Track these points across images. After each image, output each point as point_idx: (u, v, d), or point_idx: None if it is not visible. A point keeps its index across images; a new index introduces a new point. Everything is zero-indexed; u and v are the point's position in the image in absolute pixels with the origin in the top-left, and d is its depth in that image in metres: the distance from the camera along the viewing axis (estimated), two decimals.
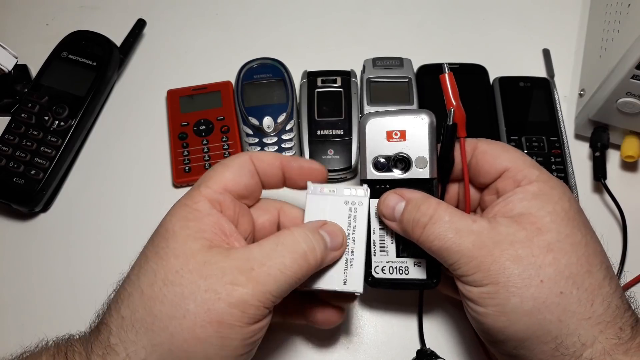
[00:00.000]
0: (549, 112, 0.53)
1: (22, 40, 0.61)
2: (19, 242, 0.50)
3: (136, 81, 0.59)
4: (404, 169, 0.37)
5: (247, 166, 0.36)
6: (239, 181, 0.35)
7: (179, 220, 0.32)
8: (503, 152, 0.36)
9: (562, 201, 0.33)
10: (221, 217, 0.33)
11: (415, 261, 0.38)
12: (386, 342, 0.44)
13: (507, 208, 0.34)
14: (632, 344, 0.30)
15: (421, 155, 0.37)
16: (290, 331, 0.45)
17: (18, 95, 0.55)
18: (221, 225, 0.33)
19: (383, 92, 0.54)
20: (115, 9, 0.63)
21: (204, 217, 0.33)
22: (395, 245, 0.38)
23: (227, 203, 0.34)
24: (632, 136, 0.50)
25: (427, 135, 0.37)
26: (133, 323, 0.30)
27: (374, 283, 0.38)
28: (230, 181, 0.35)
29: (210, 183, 0.34)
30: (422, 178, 0.37)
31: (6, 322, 0.46)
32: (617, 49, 0.47)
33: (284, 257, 0.31)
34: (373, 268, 0.38)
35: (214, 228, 0.32)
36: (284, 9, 0.63)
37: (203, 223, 0.32)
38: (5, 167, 0.50)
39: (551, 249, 0.32)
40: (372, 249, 0.38)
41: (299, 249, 0.32)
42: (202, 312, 0.29)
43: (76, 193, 0.53)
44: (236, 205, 0.35)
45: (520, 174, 0.35)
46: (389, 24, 0.62)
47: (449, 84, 0.37)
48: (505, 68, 0.56)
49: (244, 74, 0.55)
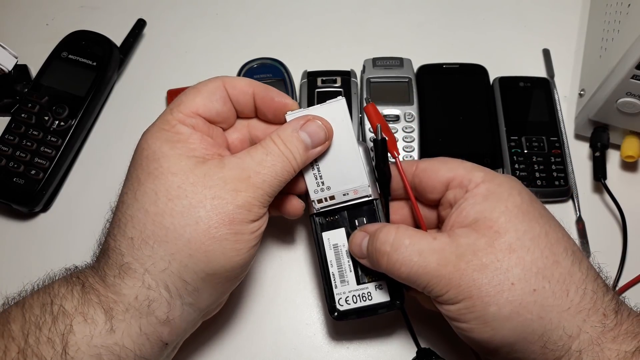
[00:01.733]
0: (549, 112, 0.53)
1: (22, 40, 0.61)
2: (19, 242, 0.50)
3: (136, 81, 0.59)
4: None
5: (219, 92, 0.37)
6: (211, 107, 0.36)
7: (164, 142, 0.34)
8: (442, 165, 0.37)
9: (512, 197, 0.33)
10: (203, 135, 0.35)
11: (376, 284, 0.38)
12: (386, 342, 0.44)
13: (462, 216, 0.34)
14: (619, 330, 0.30)
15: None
16: (290, 331, 0.45)
17: (18, 95, 0.55)
18: (206, 141, 0.35)
19: (383, 92, 0.54)
20: (115, 9, 0.63)
21: (188, 137, 0.35)
22: (353, 272, 0.38)
23: (200, 126, 0.36)
24: (632, 136, 0.50)
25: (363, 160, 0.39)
26: (145, 240, 0.32)
27: (340, 316, 0.38)
28: (202, 107, 0.36)
29: (181, 108, 0.36)
30: (364, 200, 0.38)
31: None
32: (617, 49, 0.47)
33: (275, 166, 0.35)
34: (337, 301, 0.38)
35: (201, 144, 0.35)
36: (284, 9, 0.63)
37: (189, 142, 0.34)
38: (6, 167, 0.50)
39: (513, 249, 0.32)
40: (332, 282, 0.38)
41: (283, 157, 0.35)
42: (214, 215, 0.32)
43: (76, 193, 0.53)
44: (210, 128, 0.37)
45: (465, 180, 0.35)
46: (389, 24, 0.62)
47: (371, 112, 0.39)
48: (505, 68, 0.56)
49: (244, 74, 0.55)
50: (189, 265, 0.32)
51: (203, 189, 0.33)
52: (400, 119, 0.52)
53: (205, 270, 0.33)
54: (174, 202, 0.32)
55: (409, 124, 0.52)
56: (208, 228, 0.32)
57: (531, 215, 0.33)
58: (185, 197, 0.32)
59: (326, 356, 0.44)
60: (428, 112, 0.53)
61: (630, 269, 0.46)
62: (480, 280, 0.31)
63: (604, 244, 0.34)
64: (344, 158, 0.38)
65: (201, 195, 0.33)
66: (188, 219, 0.32)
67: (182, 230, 0.32)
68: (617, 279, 0.46)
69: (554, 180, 0.50)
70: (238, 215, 0.33)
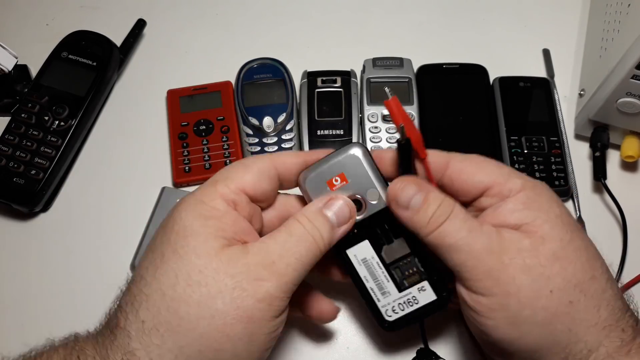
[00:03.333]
0: (549, 112, 0.53)
1: (22, 40, 0.60)
2: (19, 242, 0.50)
3: (136, 81, 0.59)
4: (360, 209, 0.35)
5: (268, 172, 0.35)
6: (258, 187, 0.34)
7: (197, 218, 0.32)
8: (478, 169, 0.34)
9: (552, 207, 0.33)
10: (239, 216, 0.33)
11: (419, 287, 0.36)
12: (386, 342, 0.44)
13: (499, 219, 0.33)
14: (633, 344, 0.30)
15: (369, 189, 0.35)
16: (290, 331, 0.45)
17: (18, 95, 0.55)
18: (240, 224, 0.33)
19: (383, 92, 0.54)
20: (115, 9, 0.63)
21: (223, 216, 0.32)
22: (392, 282, 0.36)
23: (242, 204, 0.33)
24: (632, 136, 0.50)
25: (365, 167, 0.35)
26: (156, 326, 0.29)
27: (391, 327, 0.37)
28: (249, 184, 0.34)
29: (228, 182, 0.33)
30: (381, 209, 0.35)
31: (6, 322, 0.46)
32: (617, 49, 0.47)
33: (299, 247, 0.32)
34: (384, 313, 0.37)
35: (234, 227, 0.32)
36: (284, 9, 0.63)
37: (222, 222, 0.32)
38: (6, 167, 0.50)
39: (557, 257, 0.31)
40: (373, 297, 0.37)
41: (309, 237, 0.32)
42: (232, 310, 0.30)
43: (76, 193, 0.53)
44: (251, 207, 0.34)
45: (505, 189, 0.33)
46: (389, 24, 0.62)
47: (394, 108, 0.35)
48: (505, 68, 0.56)
49: (244, 74, 0.55)
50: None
51: (225, 277, 0.30)
52: None
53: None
54: (192, 289, 0.30)
55: None
56: (223, 324, 0.29)
57: (571, 227, 0.32)
58: (206, 285, 0.30)
59: (326, 356, 0.44)
60: (428, 112, 0.53)
61: (630, 269, 0.46)
62: (521, 280, 0.30)
63: (604, 244, 0.33)
64: None
65: (222, 284, 0.30)
66: (204, 311, 0.29)
67: (197, 322, 0.29)
68: (617, 279, 0.46)
69: (554, 180, 0.50)
70: (257, 311, 0.30)
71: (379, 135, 0.52)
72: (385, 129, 0.52)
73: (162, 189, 0.50)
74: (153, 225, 0.49)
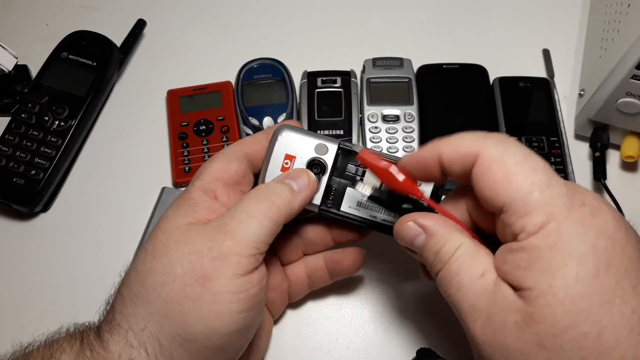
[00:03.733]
0: (549, 112, 0.53)
1: (22, 40, 0.60)
2: (19, 242, 0.50)
3: (136, 81, 0.59)
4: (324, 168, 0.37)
5: (234, 153, 0.37)
6: (228, 168, 0.36)
7: (172, 206, 0.35)
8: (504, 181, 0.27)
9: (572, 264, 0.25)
10: (214, 202, 0.35)
11: None
12: (386, 342, 0.44)
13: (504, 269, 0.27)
14: None
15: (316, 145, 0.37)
16: (290, 331, 0.45)
17: (18, 95, 0.55)
18: (216, 210, 0.34)
19: (383, 92, 0.54)
20: (115, 9, 0.63)
21: (197, 203, 0.34)
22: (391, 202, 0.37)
23: (219, 190, 0.35)
24: (632, 136, 0.50)
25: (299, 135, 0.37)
26: (131, 298, 0.32)
27: None
28: (220, 170, 0.36)
29: (202, 176, 0.36)
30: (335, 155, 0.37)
31: (6, 322, 0.46)
32: (617, 49, 0.47)
33: (252, 205, 0.33)
34: None
35: (208, 210, 0.34)
36: (284, 9, 0.63)
37: (195, 207, 0.34)
38: (6, 167, 0.50)
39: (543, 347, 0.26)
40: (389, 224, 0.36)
41: (266, 197, 0.33)
42: (189, 271, 0.31)
43: (76, 193, 0.53)
44: (230, 191, 0.36)
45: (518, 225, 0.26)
46: (389, 24, 0.62)
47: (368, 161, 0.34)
48: (505, 68, 0.56)
49: (244, 74, 0.55)
50: (165, 327, 0.31)
51: (182, 245, 0.32)
52: (400, 119, 0.52)
53: (180, 334, 0.31)
54: (156, 260, 0.32)
55: (409, 124, 0.52)
56: (183, 286, 0.31)
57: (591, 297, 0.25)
58: (166, 254, 0.32)
59: (326, 356, 0.44)
60: (428, 112, 0.53)
61: None
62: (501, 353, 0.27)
63: None
64: None
65: (179, 252, 0.32)
66: (166, 277, 0.31)
67: (160, 289, 0.31)
68: None
69: None
70: (213, 269, 0.31)
71: (379, 135, 0.52)
72: (385, 129, 0.52)
73: (162, 189, 0.50)
74: (153, 225, 0.48)
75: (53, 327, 0.34)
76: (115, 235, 0.50)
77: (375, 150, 0.36)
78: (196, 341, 0.31)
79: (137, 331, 0.31)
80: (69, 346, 0.32)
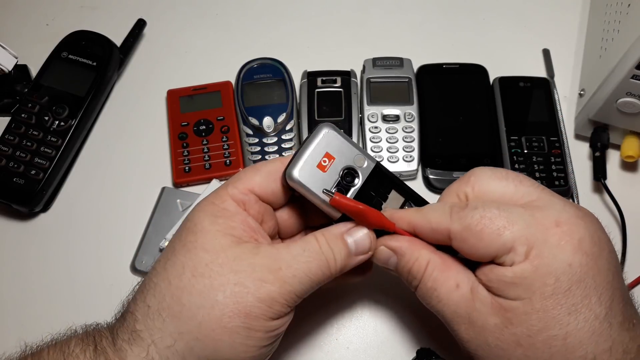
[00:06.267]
0: (549, 112, 0.53)
1: (22, 40, 0.61)
2: (19, 242, 0.50)
3: (136, 81, 0.59)
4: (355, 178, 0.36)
5: (276, 172, 0.35)
6: (266, 186, 0.35)
7: (207, 216, 0.33)
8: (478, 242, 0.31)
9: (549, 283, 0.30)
10: (247, 215, 0.34)
11: None
12: (386, 342, 0.44)
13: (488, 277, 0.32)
14: None
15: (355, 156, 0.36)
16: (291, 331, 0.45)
17: (18, 95, 0.55)
18: (248, 223, 0.34)
19: (383, 92, 0.54)
20: (115, 9, 0.63)
21: (233, 215, 0.33)
22: None
23: (251, 203, 0.35)
24: (632, 136, 0.50)
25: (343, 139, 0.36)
26: (160, 311, 0.31)
27: None
28: (258, 185, 0.35)
29: (237, 184, 0.35)
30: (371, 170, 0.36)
31: (6, 322, 0.46)
32: (617, 49, 0.47)
33: (310, 263, 0.32)
34: None
35: (242, 225, 0.33)
36: (284, 9, 0.63)
37: (232, 220, 0.33)
38: (5, 167, 0.50)
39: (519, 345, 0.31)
40: None
41: (322, 257, 0.33)
42: (231, 303, 0.31)
43: (76, 193, 0.53)
44: (260, 206, 0.35)
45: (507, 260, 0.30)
46: (389, 24, 0.62)
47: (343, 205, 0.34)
48: (505, 68, 0.56)
49: (244, 74, 0.55)
50: (194, 349, 0.31)
51: (229, 272, 0.31)
52: (400, 119, 0.52)
53: (209, 358, 0.31)
54: (196, 280, 0.31)
55: (409, 124, 0.52)
56: (222, 315, 0.31)
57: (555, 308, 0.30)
58: (209, 277, 0.31)
59: (326, 356, 0.44)
60: (428, 112, 0.53)
61: (630, 269, 0.46)
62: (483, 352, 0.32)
63: None
64: None
65: (225, 278, 0.31)
66: (205, 301, 0.31)
67: (196, 311, 0.31)
68: None
69: (554, 180, 0.50)
70: (256, 309, 0.31)
71: (379, 135, 0.52)
72: (385, 129, 0.52)
73: (162, 189, 0.50)
74: (153, 225, 0.49)
75: (53, 327, 0.34)
76: (115, 235, 0.50)
77: None
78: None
79: (162, 347, 0.31)
80: (81, 352, 0.31)
